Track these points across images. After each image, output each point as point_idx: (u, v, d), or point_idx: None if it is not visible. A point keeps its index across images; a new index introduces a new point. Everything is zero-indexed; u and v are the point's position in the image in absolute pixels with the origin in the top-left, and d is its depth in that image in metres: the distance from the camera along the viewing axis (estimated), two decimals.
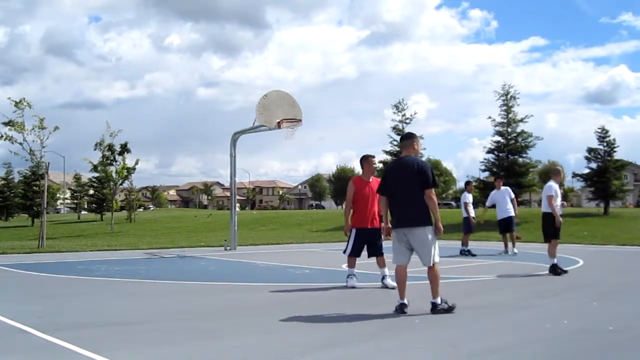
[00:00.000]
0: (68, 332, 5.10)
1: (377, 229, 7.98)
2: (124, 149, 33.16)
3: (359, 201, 8.04)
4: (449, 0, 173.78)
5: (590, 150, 33.50)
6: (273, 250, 16.96)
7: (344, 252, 8.20)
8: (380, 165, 37.77)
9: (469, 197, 14.27)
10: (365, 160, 8.23)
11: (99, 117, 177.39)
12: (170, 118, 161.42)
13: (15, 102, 17.52)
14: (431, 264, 5.92)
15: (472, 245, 14.33)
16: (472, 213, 14.17)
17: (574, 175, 36.31)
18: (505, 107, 33.06)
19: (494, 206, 14.39)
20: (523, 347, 4.61)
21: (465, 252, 13.60)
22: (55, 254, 14.93)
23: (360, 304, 6.86)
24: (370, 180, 8.14)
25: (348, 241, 8.16)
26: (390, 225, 6.25)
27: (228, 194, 55.70)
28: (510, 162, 32.01)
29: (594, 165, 33.54)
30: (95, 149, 32.85)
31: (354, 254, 8.10)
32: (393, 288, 7.41)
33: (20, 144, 17.53)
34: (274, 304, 6.89)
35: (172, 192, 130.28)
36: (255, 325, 5.53)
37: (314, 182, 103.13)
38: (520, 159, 32.97)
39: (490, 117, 33.47)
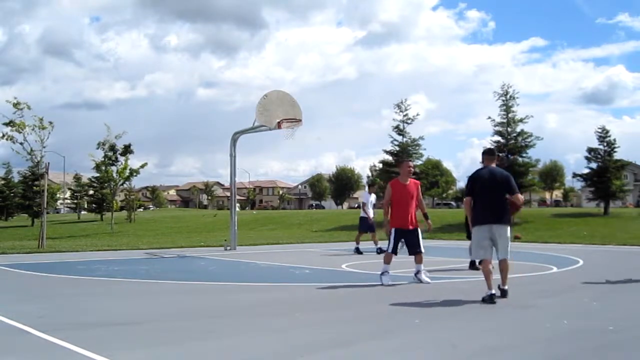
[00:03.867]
0: (68, 332, 5.10)
1: (414, 229, 8.38)
2: (127, 150, 33.12)
3: (397, 203, 8.38)
4: (445, 1, 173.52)
5: (590, 150, 33.54)
6: (273, 250, 16.95)
7: (387, 250, 8.44)
8: (380, 165, 38.06)
9: (370, 197, 14.72)
10: (402, 164, 8.85)
11: (99, 118, 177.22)
12: (170, 118, 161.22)
13: (14, 103, 17.48)
14: (507, 257, 6.80)
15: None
16: (371, 214, 14.53)
17: (574, 175, 36.41)
18: (504, 107, 33.10)
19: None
20: (523, 347, 4.61)
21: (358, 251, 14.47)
22: (55, 254, 14.91)
23: (360, 304, 6.86)
24: (408, 182, 8.49)
25: (389, 240, 8.44)
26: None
27: (228, 194, 55.61)
28: (510, 162, 32.05)
29: (594, 165, 33.59)
30: (97, 148, 32.94)
31: (394, 251, 8.39)
32: (427, 283, 8.23)
33: (21, 143, 17.56)
34: (274, 304, 6.89)
35: (172, 192, 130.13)
36: (255, 325, 5.52)
37: (314, 182, 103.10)
38: (520, 159, 33.01)
39: (489, 118, 33.56)
